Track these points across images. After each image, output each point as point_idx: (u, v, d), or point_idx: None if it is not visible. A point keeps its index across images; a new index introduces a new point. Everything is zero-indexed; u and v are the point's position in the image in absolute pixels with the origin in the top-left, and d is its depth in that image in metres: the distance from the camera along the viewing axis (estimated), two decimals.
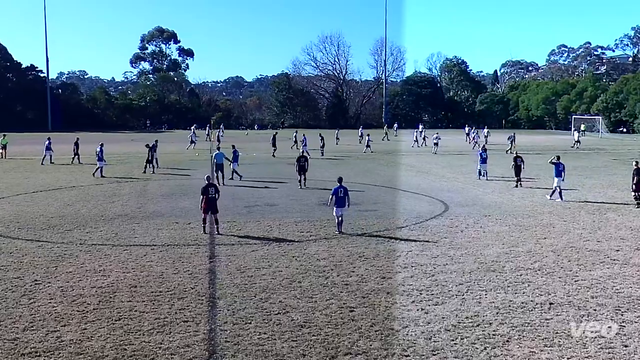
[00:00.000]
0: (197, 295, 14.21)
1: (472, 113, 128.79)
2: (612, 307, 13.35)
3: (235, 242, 19.66)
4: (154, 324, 12.36)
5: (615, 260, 17.33)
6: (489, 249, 18.63)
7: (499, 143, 63.39)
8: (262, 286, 14.89)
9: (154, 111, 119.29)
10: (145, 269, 16.50)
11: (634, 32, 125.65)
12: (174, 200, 28.13)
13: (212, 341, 11.56)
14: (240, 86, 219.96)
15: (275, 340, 11.55)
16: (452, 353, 11.00)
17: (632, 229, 21.76)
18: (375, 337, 11.72)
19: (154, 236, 20.56)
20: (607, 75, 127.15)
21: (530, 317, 12.79)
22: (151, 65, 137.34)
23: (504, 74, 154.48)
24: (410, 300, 13.89)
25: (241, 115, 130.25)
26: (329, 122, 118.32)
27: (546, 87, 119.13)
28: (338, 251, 18.37)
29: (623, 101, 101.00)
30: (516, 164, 32.83)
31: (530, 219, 23.58)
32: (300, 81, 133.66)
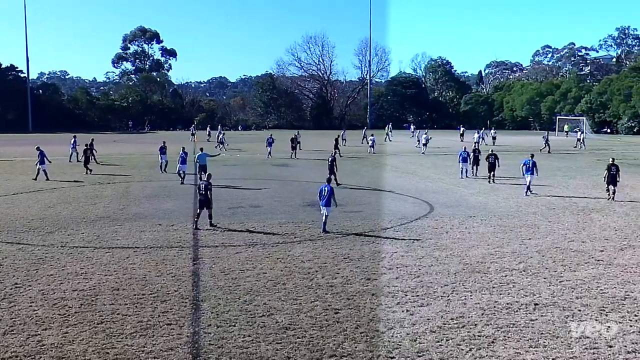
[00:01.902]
0: (181, 298, 14.07)
1: (456, 114, 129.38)
2: (596, 308, 13.38)
3: (219, 244, 19.52)
4: (136, 327, 12.22)
5: (599, 261, 17.38)
6: (474, 250, 18.63)
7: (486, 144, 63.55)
8: (246, 288, 14.78)
9: (136, 112, 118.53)
10: (128, 271, 16.32)
11: (618, 32, 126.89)
12: (157, 201, 27.92)
13: (195, 344, 11.44)
14: (224, 87, 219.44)
15: (260, 342, 11.45)
16: (437, 354, 10.96)
17: (616, 229, 21.86)
18: (361, 339, 11.65)
19: (136, 238, 20.37)
20: (591, 75, 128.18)
21: (515, 318, 12.78)
22: (133, 66, 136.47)
23: (489, 74, 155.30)
24: (395, 301, 13.83)
25: (225, 115, 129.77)
26: (313, 122, 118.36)
27: (530, 87, 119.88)
28: (323, 253, 18.29)
29: (607, 102, 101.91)
30: (489, 161, 34.54)
31: (515, 219, 23.63)
32: (284, 82, 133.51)
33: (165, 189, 31.67)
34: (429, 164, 45.79)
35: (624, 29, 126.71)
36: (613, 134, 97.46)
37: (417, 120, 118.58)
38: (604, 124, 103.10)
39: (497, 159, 34.87)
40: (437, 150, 59.05)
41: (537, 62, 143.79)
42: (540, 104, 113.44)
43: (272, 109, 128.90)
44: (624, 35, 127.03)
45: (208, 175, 23.41)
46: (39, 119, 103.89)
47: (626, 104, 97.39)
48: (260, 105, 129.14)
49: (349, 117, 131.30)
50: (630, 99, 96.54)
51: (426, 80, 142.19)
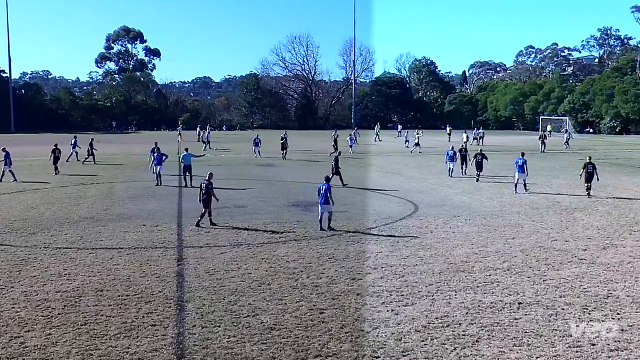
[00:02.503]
0: (165, 299, 14.02)
1: (441, 113, 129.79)
2: (579, 306, 13.48)
3: (203, 245, 19.47)
4: (120, 328, 12.16)
5: (582, 260, 17.52)
6: (459, 250, 18.70)
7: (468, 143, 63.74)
8: (231, 289, 14.75)
9: (120, 112, 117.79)
10: (112, 272, 16.24)
11: (600, 33, 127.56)
12: (141, 202, 27.79)
13: (180, 345, 11.41)
14: (208, 87, 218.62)
15: (245, 343, 11.44)
16: (422, 354, 11.00)
17: (598, 228, 22.03)
18: (346, 338, 11.66)
19: (120, 239, 20.27)
20: (573, 76, 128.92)
21: (499, 317, 12.85)
22: (117, 65, 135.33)
23: (473, 74, 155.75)
24: (380, 301, 13.86)
25: (209, 116, 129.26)
26: (297, 122, 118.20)
27: (514, 87, 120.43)
28: (308, 253, 18.29)
29: (589, 102, 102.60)
30: (477, 160, 35.10)
31: (499, 219, 23.75)
32: (268, 82, 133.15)
33: (150, 190, 31.52)
34: (413, 164, 45.90)
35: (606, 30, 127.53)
36: (596, 134, 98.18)
37: (401, 120, 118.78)
38: (587, 124, 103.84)
39: (484, 158, 35.44)
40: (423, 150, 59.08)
41: (521, 63, 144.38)
42: (523, 104, 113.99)
43: (257, 109, 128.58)
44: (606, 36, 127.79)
45: (209, 175, 23.40)
46: (22, 119, 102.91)
47: (608, 104, 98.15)
48: (245, 105, 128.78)
49: (334, 117, 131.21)
50: (613, 99, 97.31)
51: (410, 81, 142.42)
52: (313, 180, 35.69)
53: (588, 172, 29.59)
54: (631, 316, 12.91)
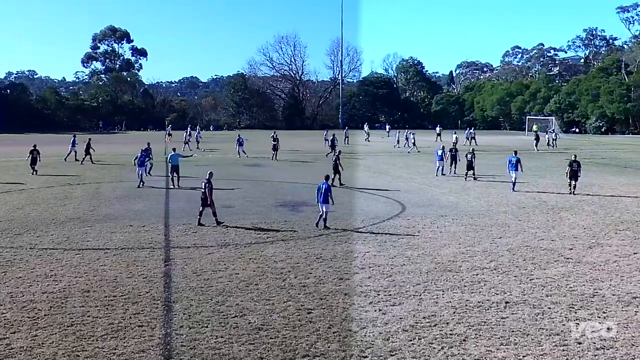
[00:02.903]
0: (152, 300, 13.97)
1: (428, 113, 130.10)
2: (566, 305, 13.56)
3: (190, 245, 19.41)
4: (107, 329, 12.11)
5: (568, 259, 17.61)
6: (446, 249, 18.76)
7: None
8: (218, 289, 14.72)
9: (106, 112, 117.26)
10: (98, 273, 16.16)
11: (586, 34, 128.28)
12: (128, 202, 27.67)
13: (167, 346, 11.38)
14: (196, 86, 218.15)
15: (233, 343, 11.42)
16: (409, 353, 11.02)
17: (584, 227, 22.16)
18: (333, 338, 11.67)
19: (107, 239, 20.17)
20: (559, 76, 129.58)
21: (486, 316, 12.90)
22: (103, 65, 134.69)
23: (460, 74, 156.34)
24: (367, 301, 13.88)
25: (196, 115, 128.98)
26: (285, 122, 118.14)
27: (501, 87, 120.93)
28: (295, 253, 18.28)
29: (575, 102, 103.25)
30: (467, 159, 35.48)
31: (486, 218, 23.84)
32: (256, 81, 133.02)
33: (136, 190, 31.38)
34: (401, 164, 45.98)
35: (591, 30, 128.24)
36: (581, 134, 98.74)
37: (389, 120, 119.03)
38: (573, 123, 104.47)
39: (474, 157, 35.83)
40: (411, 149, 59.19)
41: (507, 63, 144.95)
42: (510, 104, 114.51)
43: (244, 109, 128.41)
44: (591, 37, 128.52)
45: (210, 174, 23.40)
46: (7, 119, 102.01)
47: (594, 104, 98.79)
48: (232, 105, 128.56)
49: (321, 117, 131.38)
50: (598, 99, 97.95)
51: (398, 81, 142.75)
52: (301, 180, 35.74)
53: (573, 170, 30.35)
54: (617, 315, 13.00)
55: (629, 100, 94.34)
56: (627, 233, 21.22)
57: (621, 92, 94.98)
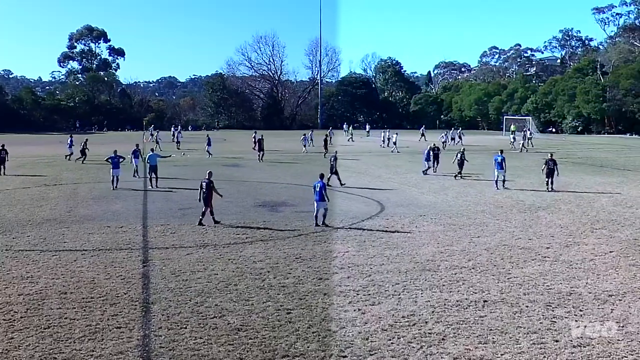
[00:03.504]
0: (131, 301, 13.88)
1: (406, 113, 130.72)
2: (543, 304, 13.67)
3: (169, 246, 19.31)
4: (85, 331, 12.00)
5: (545, 258, 17.76)
6: (425, 249, 18.83)
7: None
8: (197, 290, 14.66)
9: (83, 112, 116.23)
10: (76, 274, 16.02)
11: (562, 34, 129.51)
12: (106, 203, 27.45)
13: (146, 347, 11.31)
14: (174, 86, 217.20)
15: (212, 344, 11.37)
16: (389, 352, 11.05)
17: (561, 226, 22.37)
18: (313, 338, 11.67)
19: (84, 241, 20.00)
20: (536, 76, 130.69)
21: (465, 315, 12.97)
22: (80, 65, 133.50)
23: (438, 75, 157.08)
24: (347, 300, 13.90)
25: (175, 116, 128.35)
26: (264, 122, 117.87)
27: (478, 88, 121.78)
28: (274, 253, 18.26)
29: (552, 102, 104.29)
30: (460, 159, 36.36)
31: (464, 218, 23.98)
32: (234, 81, 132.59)
33: (114, 191, 31.14)
34: (380, 164, 46.09)
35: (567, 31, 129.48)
36: (558, 134, 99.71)
37: (367, 120, 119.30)
38: (549, 123, 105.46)
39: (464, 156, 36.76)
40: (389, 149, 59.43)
41: (485, 63, 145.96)
42: (487, 104, 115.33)
43: (223, 109, 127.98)
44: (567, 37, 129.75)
45: (209, 173, 23.49)
46: None
47: (570, 104, 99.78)
48: (211, 105, 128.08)
49: (300, 117, 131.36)
50: (574, 99, 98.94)
51: (376, 81, 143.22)
52: (280, 180, 35.72)
53: (549, 168, 31.32)
54: (593, 313, 13.14)
55: (605, 100, 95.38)
56: (603, 232, 21.45)
57: (597, 92, 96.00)
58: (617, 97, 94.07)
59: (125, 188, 31.73)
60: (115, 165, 32.34)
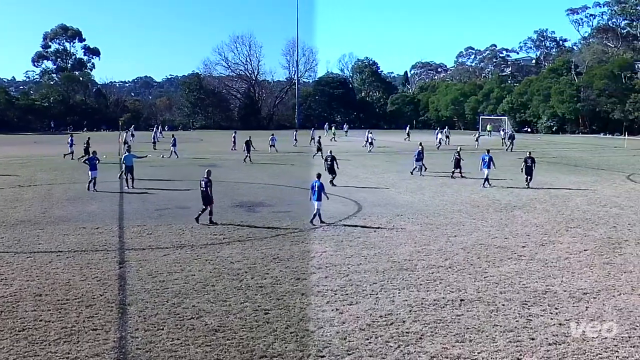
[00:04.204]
0: (107, 302, 13.76)
1: (383, 114, 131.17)
2: (519, 302, 13.79)
3: (146, 247, 19.18)
4: (60, 333, 11.88)
5: (521, 256, 17.92)
6: (402, 248, 18.90)
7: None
8: (174, 291, 14.57)
9: (58, 112, 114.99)
10: (51, 276, 15.85)
11: (537, 35, 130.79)
12: (81, 204, 27.19)
13: (122, 349, 11.22)
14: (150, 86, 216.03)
15: (189, 345, 11.32)
16: (366, 352, 11.07)
17: (537, 225, 22.57)
18: (291, 338, 11.66)
19: (59, 242, 19.79)
20: (512, 77, 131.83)
21: (442, 313, 13.04)
22: (55, 65, 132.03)
23: (414, 75, 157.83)
24: (324, 300, 13.90)
25: (151, 116, 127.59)
26: (241, 123, 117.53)
27: (455, 88, 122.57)
28: (252, 253, 18.21)
29: (527, 102, 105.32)
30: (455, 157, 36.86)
31: (441, 217, 24.10)
32: (211, 81, 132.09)
33: (89, 192, 30.84)
34: (357, 164, 46.16)
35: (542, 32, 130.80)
36: (533, 133, 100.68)
37: (345, 120, 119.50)
38: (525, 123, 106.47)
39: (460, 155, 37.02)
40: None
41: (461, 63, 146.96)
42: (464, 104, 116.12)
43: (199, 109, 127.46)
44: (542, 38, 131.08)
45: (208, 172, 23.51)
46: None
47: (545, 104, 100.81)
48: (187, 105, 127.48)
49: (277, 117, 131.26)
50: (549, 99, 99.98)
51: (353, 81, 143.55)
52: (258, 180, 35.65)
53: (527, 165, 32.55)
54: (568, 310, 13.27)
55: (579, 100, 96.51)
56: (578, 230, 21.69)
57: (571, 92, 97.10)
58: (591, 97, 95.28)
59: (101, 190, 31.41)
60: (93, 166, 31.80)
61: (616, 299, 14.05)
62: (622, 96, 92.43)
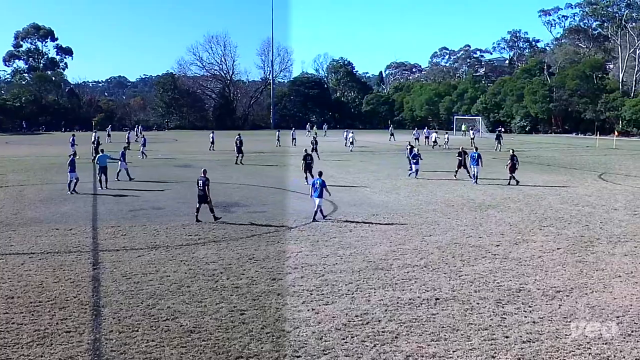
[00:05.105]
0: (80, 304, 13.61)
1: (359, 113, 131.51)
2: (493, 300, 13.89)
3: (120, 248, 19.02)
4: (33, 336, 11.73)
5: (495, 255, 18.05)
6: (377, 248, 18.95)
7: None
8: (149, 292, 14.47)
9: (30, 112, 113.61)
10: (23, 278, 15.65)
11: (510, 36, 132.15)
12: (54, 205, 26.89)
13: (97, 351, 11.11)
14: (123, 86, 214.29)
15: (164, 347, 11.25)
16: (342, 352, 11.08)
17: (510, 224, 22.76)
18: (267, 339, 11.64)
19: (32, 244, 19.55)
20: (485, 77, 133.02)
21: (417, 312, 13.09)
22: (26, 64, 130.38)
23: (389, 75, 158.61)
24: (300, 300, 13.90)
25: (125, 116, 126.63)
26: (216, 123, 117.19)
27: (429, 88, 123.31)
28: (227, 254, 18.15)
29: (501, 102, 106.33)
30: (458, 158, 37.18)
31: (416, 217, 24.21)
32: (186, 81, 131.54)
33: (63, 192, 30.53)
34: (332, 164, 46.18)
35: (515, 33, 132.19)
36: (507, 133, 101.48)
37: (320, 120, 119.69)
38: (499, 123, 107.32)
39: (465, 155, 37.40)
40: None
41: (435, 64, 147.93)
42: (438, 104, 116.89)
43: (174, 109, 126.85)
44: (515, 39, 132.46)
45: (204, 171, 23.65)
46: None
47: (519, 104, 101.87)
48: (162, 105, 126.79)
49: (252, 118, 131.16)
50: (522, 99, 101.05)
51: (328, 81, 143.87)
52: (233, 180, 35.53)
53: (513, 163, 33.93)
54: (542, 308, 13.40)
55: (551, 100, 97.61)
56: (551, 229, 21.91)
57: (544, 92, 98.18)
58: (563, 97, 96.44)
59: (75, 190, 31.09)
60: (74, 168, 31.10)
61: (589, 297, 14.21)
62: (594, 96, 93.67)
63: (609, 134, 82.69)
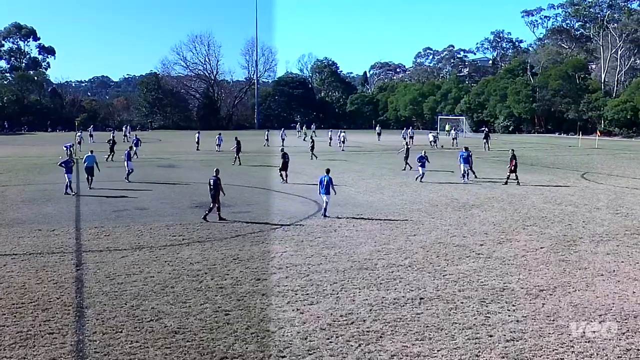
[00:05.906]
0: (63, 306, 13.52)
1: (343, 113, 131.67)
2: (477, 300, 13.96)
3: (103, 249, 18.91)
4: (15, 337, 11.64)
5: (479, 254, 18.14)
6: (362, 247, 18.97)
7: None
8: (133, 293, 14.40)
9: (12, 112, 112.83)
10: (5, 279, 15.52)
11: (493, 36, 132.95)
12: (37, 206, 26.69)
13: (80, 353, 11.04)
14: (107, 86, 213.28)
15: (148, 348, 11.20)
16: (327, 351, 11.09)
17: (494, 224, 22.87)
18: (251, 339, 11.62)
19: (14, 245, 19.39)
20: (469, 77, 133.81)
21: (402, 312, 13.12)
22: (8, 64, 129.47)
23: (373, 75, 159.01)
24: (285, 301, 13.89)
25: (108, 116, 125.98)
26: (200, 123, 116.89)
27: (413, 88, 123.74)
28: (212, 254, 18.10)
29: (484, 102, 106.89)
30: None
31: (400, 217, 24.27)
32: (169, 81, 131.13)
33: (45, 193, 30.33)
34: (316, 164, 46.13)
35: (498, 33, 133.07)
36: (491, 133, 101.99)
37: (304, 120, 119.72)
38: (482, 123, 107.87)
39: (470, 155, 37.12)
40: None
41: (419, 64, 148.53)
42: (422, 104, 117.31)
43: (158, 109, 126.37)
44: (498, 39, 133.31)
45: (216, 171, 23.80)
46: None
47: (502, 104, 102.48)
48: (145, 105, 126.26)
49: (237, 118, 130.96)
50: (506, 99, 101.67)
51: (313, 81, 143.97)
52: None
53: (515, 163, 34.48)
54: (525, 307, 13.48)
55: (534, 100, 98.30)
56: (534, 228, 22.05)
57: (527, 92, 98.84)
58: (546, 97, 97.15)
59: (58, 191, 30.87)
60: (69, 170, 30.74)
61: (571, 296, 14.31)
62: (576, 96, 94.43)
63: (592, 133, 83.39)
